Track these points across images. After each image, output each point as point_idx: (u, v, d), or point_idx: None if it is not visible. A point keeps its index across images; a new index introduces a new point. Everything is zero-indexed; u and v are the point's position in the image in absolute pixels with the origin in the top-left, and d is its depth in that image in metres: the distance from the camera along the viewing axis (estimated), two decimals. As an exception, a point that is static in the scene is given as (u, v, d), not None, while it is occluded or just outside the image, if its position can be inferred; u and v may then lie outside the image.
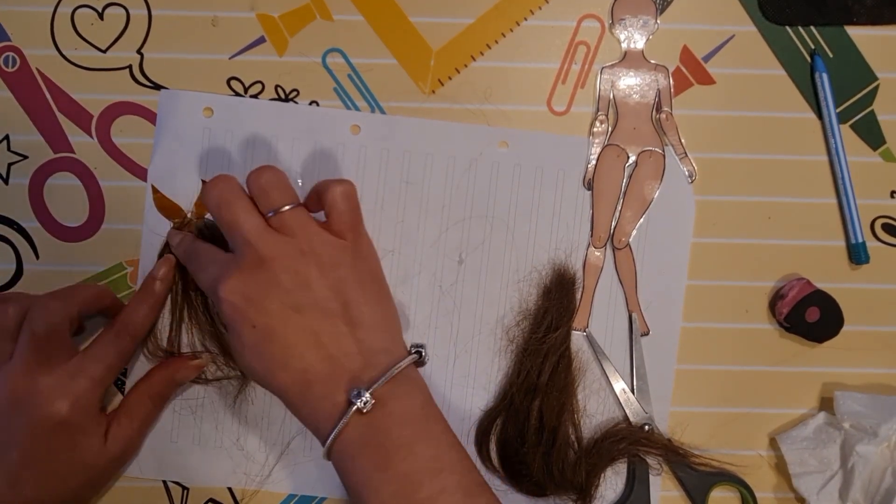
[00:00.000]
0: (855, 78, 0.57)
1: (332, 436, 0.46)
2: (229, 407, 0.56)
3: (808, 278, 0.56)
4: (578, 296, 0.56)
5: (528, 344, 0.55)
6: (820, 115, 0.57)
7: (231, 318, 0.47)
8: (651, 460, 0.56)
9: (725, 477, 0.56)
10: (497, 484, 0.56)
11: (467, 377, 0.57)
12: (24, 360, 0.49)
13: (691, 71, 0.57)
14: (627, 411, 0.56)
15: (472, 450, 0.56)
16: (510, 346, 0.56)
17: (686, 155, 0.57)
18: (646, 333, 0.57)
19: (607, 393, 0.56)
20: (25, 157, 0.57)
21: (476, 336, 0.57)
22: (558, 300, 0.55)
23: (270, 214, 0.48)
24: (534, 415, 0.54)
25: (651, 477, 0.56)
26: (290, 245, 0.48)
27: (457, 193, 0.57)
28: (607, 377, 0.56)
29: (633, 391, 0.56)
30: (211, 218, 0.56)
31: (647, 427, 0.56)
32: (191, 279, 0.54)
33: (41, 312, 0.49)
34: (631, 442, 0.55)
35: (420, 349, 0.55)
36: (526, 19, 0.58)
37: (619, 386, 0.56)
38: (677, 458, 0.56)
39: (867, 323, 0.57)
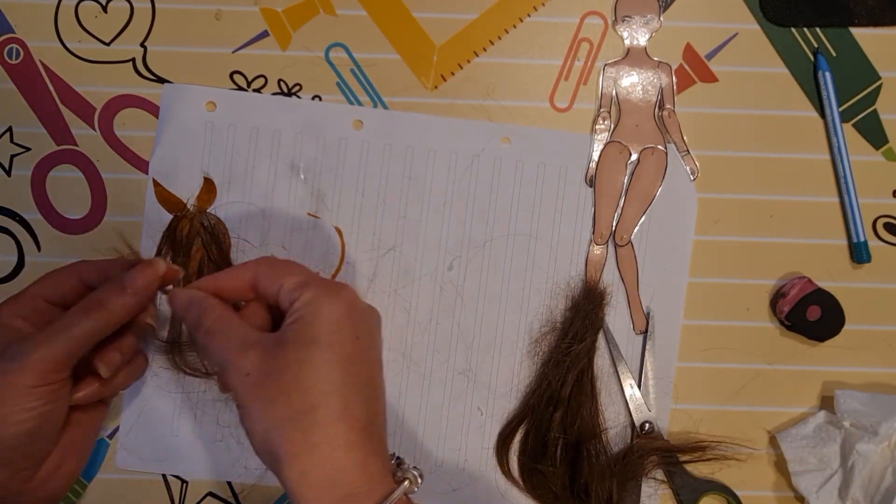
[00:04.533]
0: (858, 77, 0.57)
1: None
2: (229, 401, 0.56)
3: (810, 277, 0.56)
4: (607, 311, 0.57)
5: (552, 354, 0.56)
6: (822, 114, 0.57)
7: None
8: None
9: (715, 486, 0.56)
10: (515, 494, 0.56)
11: (475, 381, 0.57)
12: None
13: (694, 68, 0.57)
14: (632, 408, 0.56)
15: (491, 459, 0.56)
16: (534, 358, 0.56)
17: (688, 152, 0.57)
18: (645, 331, 0.57)
19: (612, 390, 0.56)
20: (28, 149, 0.57)
21: (477, 337, 0.57)
22: (586, 313, 0.55)
23: None
24: (555, 426, 0.54)
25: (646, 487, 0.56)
26: None
27: (459, 189, 0.57)
28: (618, 374, 0.56)
29: (640, 388, 0.56)
30: (213, 212, 0.56)
31: (647, 425, 0.56)
32: (192, 272, 0.54)
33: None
34: (662, 456, 0.55)
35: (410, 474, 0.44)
36: (529, 16, 0.58)
37: (627, 383, 0.56)
38: (675, 467, 0.56)
39: (868, 322, 0.57)
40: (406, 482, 0.42)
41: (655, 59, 0.57)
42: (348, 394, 0.42)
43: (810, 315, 0.56)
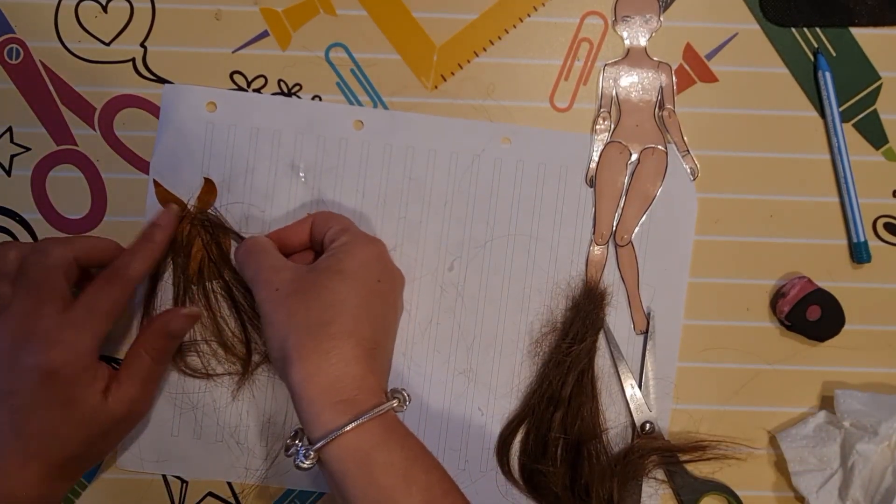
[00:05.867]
0: (858, 77, 0.57)
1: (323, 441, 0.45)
2: (229, 402, 0.56)
3: (810, 277, 0.56)
4: (608, 311, 0.57)
5: (553, 354, 0.56)
6: (822, 114, 0.57)
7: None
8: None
9: (715, 486, 0.56)
10: (516, 495, 0.56)
11: (476, 381, 0.57)
12: (20, 306, 0.48)
13: (694, 68, 0.57)
14: (632, 408, 0.56)
15: (492, 460, 0.56)
16: (535, 358, 0.57)
17: (688, 152, 0.57)
18: (646, 331, 0.57)
19: (613, 390, 0.56)
20: (28, 149, 0.57)
21: (478, 337, 0.57)
22: (586, 314, 0.55)
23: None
24: (556, 427, 0.54)
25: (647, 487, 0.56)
26: None
27: (459, 190, 0.57)
28: (618, 374, 0.56)
29: (640, 388, 0.56)
30: (212, 213, 0.56)
31: (648, 425, 0.56)
32: (192, 273, 0.54)
33: (36, 256, 0.49)
34: (662, 456, 0.55)
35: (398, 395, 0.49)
36: (529, 16, 0.58)
37: (628, 383, 0.56)
38: (676, 466, 0.56)
39: (868, 322, 0.57)
40: (395, 401, 0.47)
41: (655, 59, 0.57)
42: (360, 318, 0.48)
43: (810, 315, 0.56)
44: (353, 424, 0.44)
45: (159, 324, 0.52)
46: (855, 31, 0.57)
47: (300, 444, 0.46)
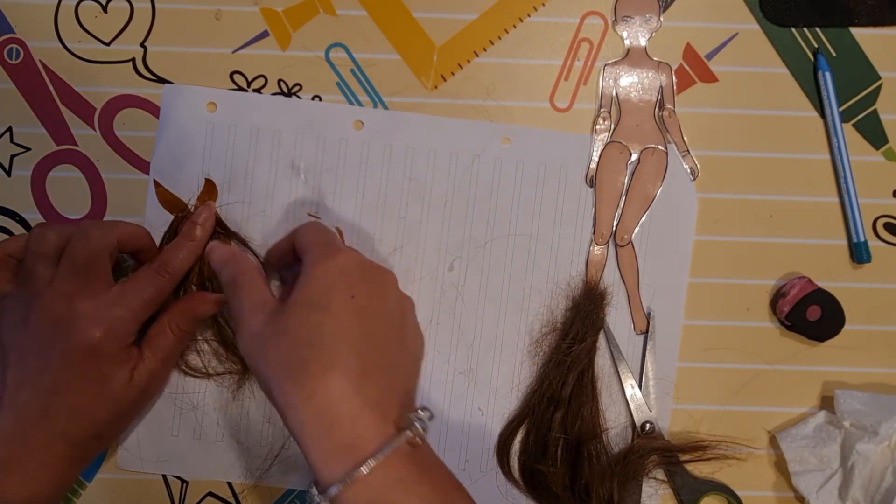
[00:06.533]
0: (858, 77, 0.57)
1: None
2: (229, 401, 0.56)
3: (810, 277, 0.56)
4: (608, 311, 0.57)
5: (553, 354, 0.56)
6: (822, 114, 0.57)
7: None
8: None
9: (715, 486, 0.56)
10: (516, 495, 0.56)
11: (476, 381, 0.57)
12: (63, 286, 0.49)
13: (694, 68, 0.57)
14: (632, 408, 0.56)
15: (492, 460, 0.56)
16: (535, 358, 0.57)
17: (688, 152, 0.57)
18: (646, 331, 0.57)
19: (613, 390, 0.56)
20: (28, 149, 0.57)
21: (478, 337, 0.57)
22: (586, 314, 0.55)
23: None
24: (556, 427, 0.54)
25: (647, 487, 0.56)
26: None
27: (459, 190, 0.57)
28: (618, 374, 0.56)
29: (640, 388, 0.56)
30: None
31: (648, 425, 0.56)
32: (192, 272, 0.54)
33: (81, 239, 0.50)
34: (662, 456, 0.55)
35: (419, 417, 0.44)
36: (529, 16, 0.58)
37: (628, 383, 0.56)
38: (676, 466, 0.56)
39: (868, 322, 0.57)
40: (407, 432, 0.43)
41: (655, 59, 0.57)
42: (339, 347, 0.44)
43: (810, 315, 0.56)
44: (356, 474, 0.41)
45: (188, 304, 0.53)
46: (855, 31, 0.57)
47: (314, 490, 0.43)
